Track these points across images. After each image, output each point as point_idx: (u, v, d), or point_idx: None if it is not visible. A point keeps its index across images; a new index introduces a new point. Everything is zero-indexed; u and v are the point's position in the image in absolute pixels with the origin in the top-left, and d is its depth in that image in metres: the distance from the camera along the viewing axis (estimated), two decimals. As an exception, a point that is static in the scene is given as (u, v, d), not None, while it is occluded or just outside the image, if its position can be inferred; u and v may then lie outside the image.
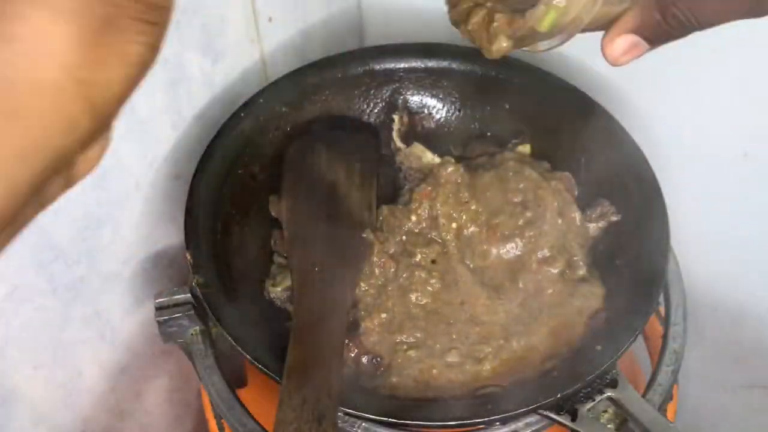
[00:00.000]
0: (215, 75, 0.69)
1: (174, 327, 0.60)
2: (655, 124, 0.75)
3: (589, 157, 0.68)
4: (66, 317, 0.62)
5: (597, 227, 0.66)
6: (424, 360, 0.58)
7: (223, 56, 0.69)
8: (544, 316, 0.60)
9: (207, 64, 0.67)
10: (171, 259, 0.72)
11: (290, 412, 0.48)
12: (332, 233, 0.63)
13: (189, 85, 0.66)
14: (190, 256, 0.58)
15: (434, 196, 0.64)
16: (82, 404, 0.68)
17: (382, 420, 0.51)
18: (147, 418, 0.79)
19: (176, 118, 0.66)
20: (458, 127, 0.76)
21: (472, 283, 0.61)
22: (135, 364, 0.73)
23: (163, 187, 0.68)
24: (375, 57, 0.74)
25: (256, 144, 0.69)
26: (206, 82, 0.68)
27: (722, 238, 0.80)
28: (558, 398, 0.52)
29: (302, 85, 0.71)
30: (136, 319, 0.71)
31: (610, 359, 0.53)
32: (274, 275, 0.65)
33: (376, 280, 0.62)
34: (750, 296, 0.83)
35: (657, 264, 0.58)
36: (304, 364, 0.51)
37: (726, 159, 0.74)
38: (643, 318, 0.55)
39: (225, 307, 0.56)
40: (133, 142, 0.62)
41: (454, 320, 0.59)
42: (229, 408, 0.57)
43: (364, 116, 0.75)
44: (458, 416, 0.51)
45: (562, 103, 0.70)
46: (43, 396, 0.63)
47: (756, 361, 0.88)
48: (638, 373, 0.76)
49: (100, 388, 0.70)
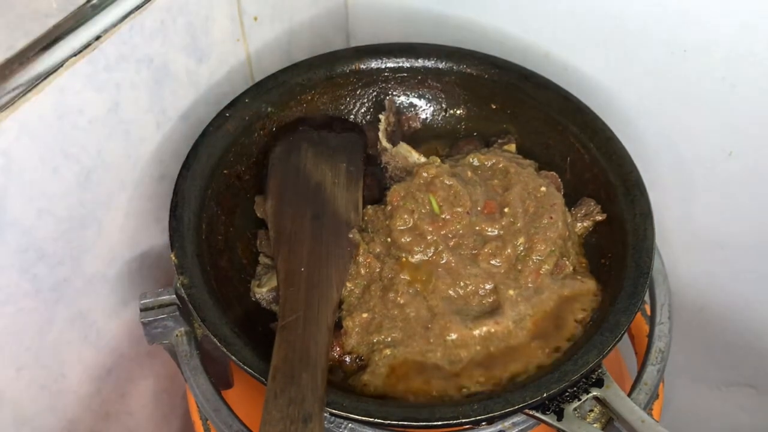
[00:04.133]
0: (200, 74, 0.69)
1: (159, 328, 0.60)
2: (640, 123, 0.76)
3: (575, 156, 0.69)
4: (50, 319, 0.62)
5: (583, 226, 0.66)
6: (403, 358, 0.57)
7: (209, 56, 0.69)
8: (529, 316, 0.60)
9: (192, 63, 0.67)
10: (156, 259, 0.72)
11: (276, 412, 0.48)
12: (318, 233, 0.63)
13: (174, 85, 0.66)
14: (174, 256, 0.58)
15: (403, 196, 0.63)
16: (67, 406, 0.68)
17: (368, 420, 0.51)
18: (132, 419, 0.78)
19: (161, 118, 0.66)
20: (444, 127, 0.76)
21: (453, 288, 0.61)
22: (120, 366, 0.73)
23: (148, 188, 0.68)
24: (361, 57, 0.74)
25: (242, 144, 0.68)
26: (191, 82, 0.68)
27: (708, 237, 0.81)
28: (544, 398, 0.52)
29: (288, 84, 0.71)
30: (121, 321, 0.71)
31: (596, 358, 0.53)
32: (260, 276, 0.64)
33: (361, 281, 0.62)
34: (735, 295, 0.84)
35: (642, 263, 0.58)
36: (290, 364, 0.51)
37: (711, 158, 0.74)
38: (629, 317, 0.56)
39: (210, 308, 0.56)
40: (117, 142, 0.62)
41: (431, 324, 0.59)
42: (214, 409, 0.57)
43: (351, 116, 0.75)
44: (444, 416, 0.51)
45: (548, 102, 0.70)
46: (26, 398, 0.63)
47: (741, 359, 0.89)
48: (624, 372, 0.76)
49: (85, 390, 0.69)
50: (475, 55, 0.73)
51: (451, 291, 0.61)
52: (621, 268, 0.59)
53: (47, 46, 0.53)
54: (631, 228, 0.61)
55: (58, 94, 0.54)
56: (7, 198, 0.54)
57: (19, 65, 0.52)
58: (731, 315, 0.86)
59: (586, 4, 0.71)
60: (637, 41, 0.70)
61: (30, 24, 0.53)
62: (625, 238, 0.61)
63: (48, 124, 0.55)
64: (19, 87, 0.52)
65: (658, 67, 0.71)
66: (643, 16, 0.69)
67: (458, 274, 0.61)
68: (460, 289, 0.61)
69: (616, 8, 0.69)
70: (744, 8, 0.63)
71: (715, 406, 0.96)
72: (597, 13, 0.71)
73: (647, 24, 0.69)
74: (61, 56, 0.54)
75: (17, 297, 0.58)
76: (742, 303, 0.84)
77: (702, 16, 0.66)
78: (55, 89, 0.54)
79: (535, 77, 0.71)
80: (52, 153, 0.56)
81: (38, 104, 0.53)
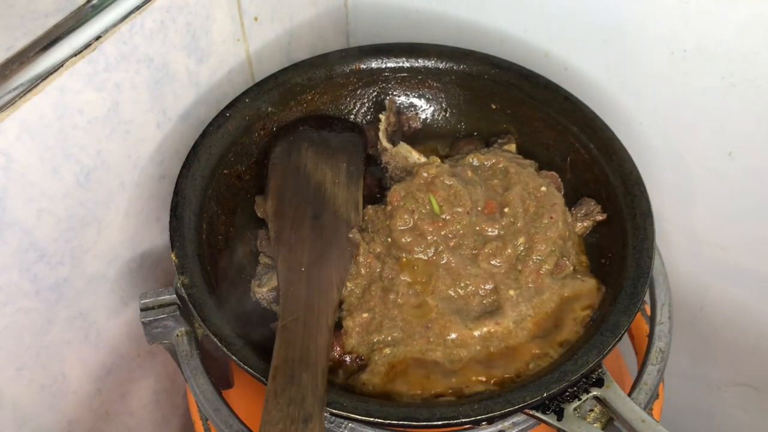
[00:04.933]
0: (201, 74, 0.69)
1: (159, 328, 0.60)
2: (640, 123, 0.76)
3: (575, 156, 0.69)
4: (50, 318, 0.62)
5: (583, 226, 0.66)
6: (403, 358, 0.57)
7: (209, 56, 0.69)
8: (530, 316, 0.60)
9: (192, 63, 0.67)
10: (156, 259, 0.72)
11: (276, 412, 0.48)
12: (318, 233, 0.63)
13: (174, 85, 0.66)
14: (175, 256, 0.58)
15: (403, 196, 0.63)
16: (67, 406, 0.68)
17: (368, 420, 0.51)
18: (133, 419, 0.78)
19: (161, 118, 0.66)
20: (445, 127, 0.76)
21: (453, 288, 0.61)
22: (120, 366, 0.73)
23: (148, 188, 0.68)
24: (361, 57, 0.74)
25: (242, 144, 0.68)
26: (192, 82, 0.68)
27: (708, 237, 0.81)
28: (544, 397, 0.52)
29: (288, 84, 0.71)
30: (121, 320, 0.71)
31: (596, 358, 0.53)
32: (260, 276, 0.64)
33: (362, 281, 0.62)
34: (735, 295, 0.84)
35: (642, 263, 0.58)
36: (290, 364, 0.51)
37: (711, 158, 0.74)
38: (629, 317, 0.56)
39: (210, 308, 0.56)
40: (117, 142, 0.62)
41: (431, 324, 0.59)
42: (215, 409, 0.57)
43: (351, 116, 0.75)
44: (444, 416, 0.51)
45: (547, 102, 0.70)
46: (26, 398, 0.63)
47: (741, 359, 0.89)
48: (624, 372, 0.76)
49: (85, 390, 0.69)
50: (475, 55, 0.73)
51: (451, 291, 0.61)
52: (621, 268, 0.59)
53: (47, 46, 0.53)
54: (631, 228, 0.61)
55: (58, 94, 0.54)
56: (7, 198, 0.54)
57: (19, 65, 0.52)
58: (731, 315, 0.86)
59: (586, 4, 0.71)
60: (637, 41, 0.70)
61: (30, 24, 0.53)
62: (625, 238, 0.61)
63: (48, 124, 0.55)
64: (19, 87, 0.52)
65: (658, 67, 0.71)
66: (643, 16, 0.69)
67: (458, 275, 0.61)
68: (461, 290, 0.61)
69: (616, 8, 0.69)
70: (744, 8, 0.63)
71: (716, 406, 0.96)
72: (597, 13, 0.71)
73: (647, 24, 0.69)
74: (61, 56, 0.54)
75: (17, 297, 0.58)
76: (742, 303, 0.84)
77: (702, 16, 0.66)
78: (55, 89, 0.54)
79: (534, 77, 0.71)
80: (52, 153, 0.56)
81: (38, 104, 0.53)
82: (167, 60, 0.64)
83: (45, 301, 0.61)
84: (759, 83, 0.67)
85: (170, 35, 0.63)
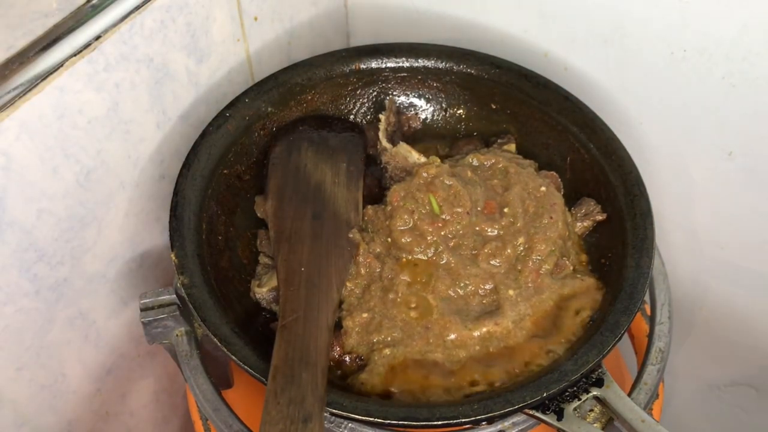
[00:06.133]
0: (200, 74, 0.69)
1: (159, 328, 0.60)
2: (640, 123, 0.75)
3: (575, 156, 0.69)
4: (50, 318, 0.62)
5: (583, 226, 0.66)
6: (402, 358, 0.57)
7: (209, 55, 0.69)
8: (529, 316, 0.60)
9: (192, 63, 0.67)
10: (156, 259, 0.72)
11: (276, 412, 0.48)
12: (318, 233, 0.63)
13: (174, 85, 0.66)
14: (175, 256, 0.58)
15: (403, 196, 0.63)
16: (67, 406, 0.68)
17: (368, 420, 0.51)
18: (133, 419, 0.78)
19: (161, 118, 0.66)
20: (444, 127, 0.76)
21: (453, 287, 0.61)
22: (120, 366, 0.73)
23: (148, 188, 0.68)
24: (361, 57, 0.74)
25: (242, 144, 0.68)
26: (191, 82, 0.68)
27: (708, 237, 0.81)
28: (544, 397, 0.52)
29: (288, 84, 0.71)
30: (121, 320, 0.71)
31: (596, 358, 0.53)
32: (260, 276, 0.64)
33: (362, 281, 0.62)
34: (735, 295, 0.84)
35: (642, 263, 0.58)
36: (290, 364, 0.51)
37: (711, 158, 0.74)
38: (629, 317, 0.56)
39: (210, 308, 0.56)
40: (117, 142, 0.62)
41: (431, 324, 0.59)
42: (214, 409, 0.57)
43: (351, 116, 0.75)
44: (444, 416, 0.51)
45: (547, 102, 0.70)
46: (26, 398, 0.63)
47: (741, 359, 0.89)
48: (624, 372, 0.76)
49: (85, 390, 0.69)
50: (475, 55, 0.73)
51: (451, 291, 0.61)
52: (621, 268, 0.59)
53: (47, 46, 0.53)
54: (631, 228, 0.61)
55: (58, 94, 0.54)
56: (7, 198, 0.54)
57: (19, 65, 0.52)
58: (731, 315, 0.86)
59: (586, 4, 0.71)
60: (637, 41, 0.70)
61: (30, 24, 0.53)
62: (625, 237, 0.61)
63: (48, 124, 0.55)
64: (19, 87, 0.52)
65: (658, 67, 0.71)
66: (643, 16, 0.69)
67: (458, 275, 0.61)
68: (460, 290, 0.61)
69: (616, 8, 0.69)
70: (744, 8, 0.63)
71: (715, 406, 0.96)
72: (597, 13, 0.71)
73: (647, 24, 0.69)
74: (61, 56, 0.54)
75: (17, 297, 0.58)
76: (742, 303, 0.84)
77: (702, 16, 0.66)
78: (54, 89, 0.54)
79: (534, 77, 0.71)
80: (52, 153, 0.56)
81: (38, 104, 0.53)
82: (167, 60, 0.64)
83: (45, 301, 0.61)
84: (759, 83, 0.67)
85: (170, 35, 0.63)
